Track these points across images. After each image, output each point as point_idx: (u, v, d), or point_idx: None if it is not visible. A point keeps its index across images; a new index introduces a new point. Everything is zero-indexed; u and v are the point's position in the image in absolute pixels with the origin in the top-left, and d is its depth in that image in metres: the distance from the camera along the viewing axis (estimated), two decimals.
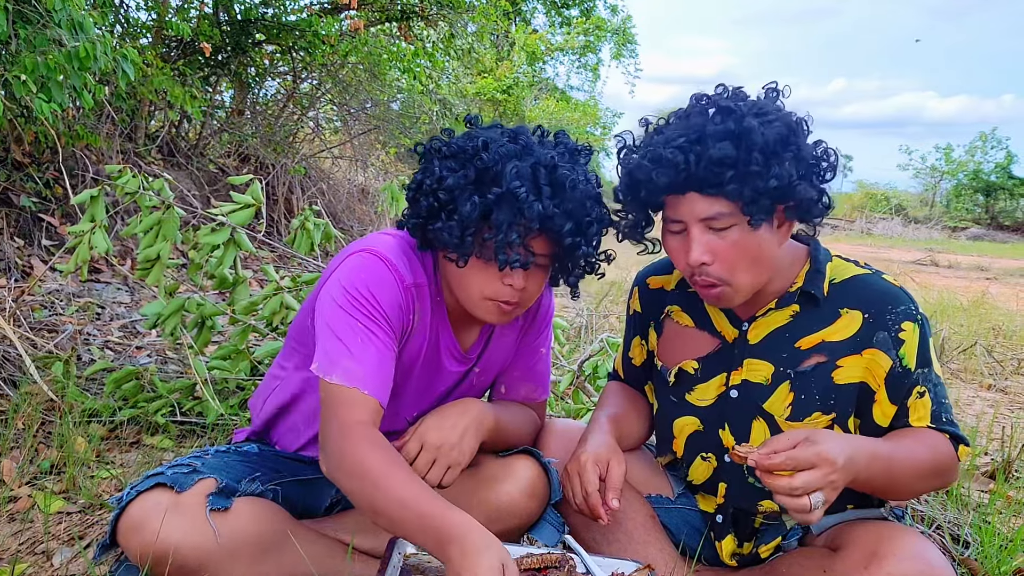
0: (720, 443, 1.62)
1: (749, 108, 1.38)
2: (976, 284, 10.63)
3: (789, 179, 1.36)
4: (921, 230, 32.45)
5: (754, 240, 1.41)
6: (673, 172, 1.37)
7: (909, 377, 1.48)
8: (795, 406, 1.52)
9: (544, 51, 18.70)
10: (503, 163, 1.41)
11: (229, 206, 2.44)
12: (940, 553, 1.37)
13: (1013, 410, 3.91)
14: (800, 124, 1.41)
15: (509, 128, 1.51)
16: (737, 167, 1.34)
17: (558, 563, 1.42)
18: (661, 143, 1.40)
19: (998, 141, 42.61)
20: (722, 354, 1.61)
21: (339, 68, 7.42)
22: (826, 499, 1.25)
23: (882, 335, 1.48)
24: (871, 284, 1.53)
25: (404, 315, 1.53)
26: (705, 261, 1.42)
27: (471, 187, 1.42)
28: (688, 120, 1.42)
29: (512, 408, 1.76)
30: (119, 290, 4.28)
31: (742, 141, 1.35)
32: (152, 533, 1.38)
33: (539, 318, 1.78)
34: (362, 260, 1.49)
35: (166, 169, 5.79)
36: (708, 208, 1.39)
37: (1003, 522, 2.18)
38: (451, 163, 1.45)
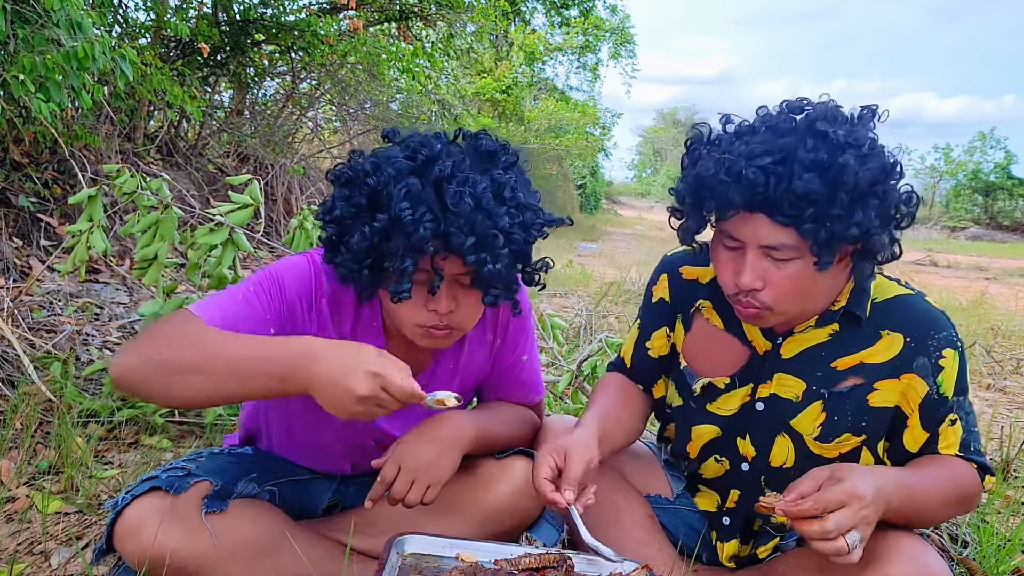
0: (737, 450, 1.60)
1: (846, 138, 1.27)
2: (975, 284, 10.64)
3: (869, 228, 1.27)
4: (920, 230, 32.46)
5: (811, 277, 1.35)
6: (750, 193, 1.27)
7: (944, 405, 1.46)
8: (826, 426, 1.50)
9: (543, 51, 18.69)
10: (392, 184, 1.30)
11: (227, 206, 2.44)
12: (938, 555, 1.36)
13: (1012, 410, 3.92)
14: (895, 167, 1.31)
15: (418, 138, 1.39)
16: (819, 205, 1.25)
17: (556, 563, 1.41)
18: (744, 155, 1.29)
19: (997, 141, 42.65)
20: (751, 365, 1.57)
21: (338, 68, 7.42)
22: (863, 537, 1.22)
23: (922, 360, 1.45)
24: (914, 306, 1.48)
25: (307, 311, 1.50)
26: (756, 288, 1.36)
27: (362, 215, 1.34)
28: (778, 136, 1.30)
29: (501, 411, 1.74)
30: (118, 290, 4.28)
31: (832, 177, 1.24)
32: (148, 537, 1.38)
33: (511, 330, 1.70)
34: (297, 256, 1.53)
35: (165, 169, 5.79)
36: (773, 236, 1.31)
37: (1001, 522, 2.18)
38: (344, 190, 1.37)
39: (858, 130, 1.31)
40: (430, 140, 1.38)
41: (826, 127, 1.28)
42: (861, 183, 1.25)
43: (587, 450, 1.45)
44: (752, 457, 1.58)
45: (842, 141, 1.26)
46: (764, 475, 1.58)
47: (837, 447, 1.51)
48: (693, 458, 1.68)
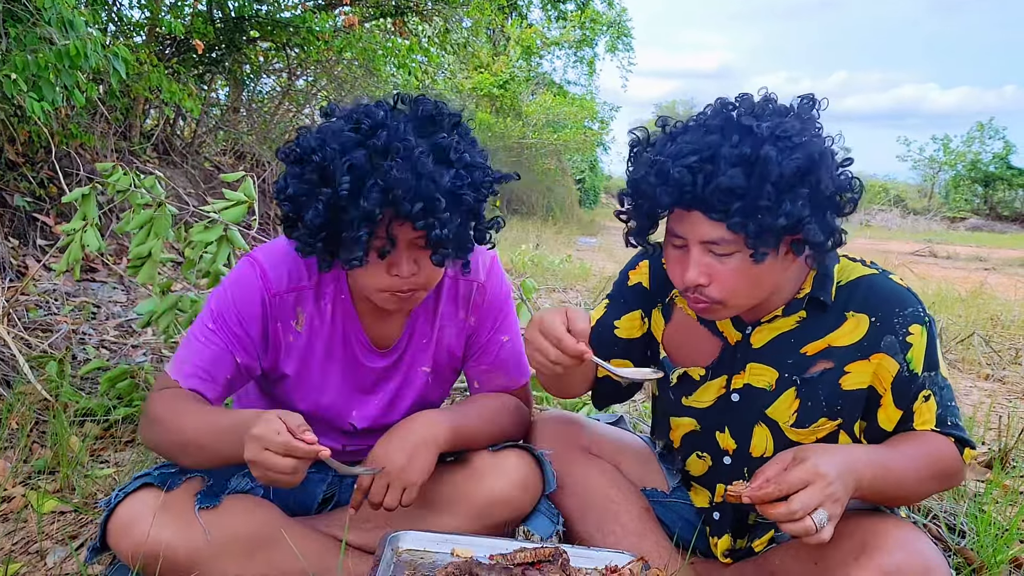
0: (717, 444, 1.60)
1: (770, 131, 1.28)
2: (975, 275, 10.64)
3: (800, 218, 1.28)
4: (920, 221, 32.48)
5: (756, 269, 1.35)
6: (678, 193, 1.30)
7: (915, 381, 1.45)
8: (801, 412, 1.50)
9: (540, 45, 18.66)
10: (338, 157, 1.33)
11: (222, 203, 2.43)
12: (932, 543, 1.36)
13: (1010, 399, 3.92)
14: (825, 155, 1.31)
15: (362, 109, 1.41)
16: (746, 198, 1.27)
17: (551, 557, 1.41)
18: (672, 156, 1.31)
19: (996, 131, 42.56)
20: (724, 357, 1.57)
21: (334, 64, 7.40)
22: (831, 515, 1.21)
23: (889, 339, 1.44)
24: (878, 285, 1.48)
25: (268, 322, 1.57)
26: (701, 283, 1.37)
27: (313, 191, 1.37)
28: (706, 134, 1.32)
29: (483, 403, 1.73)
30: (115, 289, 4.28)
31: (755, 170, 1.26)
32: (142, 533, 1.38)
33: (485, 309, 1.72)
34: (238, 266, 1.60)
35: (161, 167, 5.78)
36: (711, 232, 1.33)
37: (999, 511, 2.18)
38: (296, 168, 1.40)
39: (787, 122, 1.31)
40: (372, 109, 1.41)
41: (751, 121, 1.30)
42: (786, 174, 1.26)
43: (583, 311, 1.47)
44: (733, 450, 1.58)
45: (765, 134, 1.27)
46: (747, 466, 1.57)
47: (814, 432, 1.51)
48: (677, 448, 1.69)
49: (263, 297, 1.55)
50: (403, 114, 1.43)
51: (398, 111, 1.44)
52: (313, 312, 1.60)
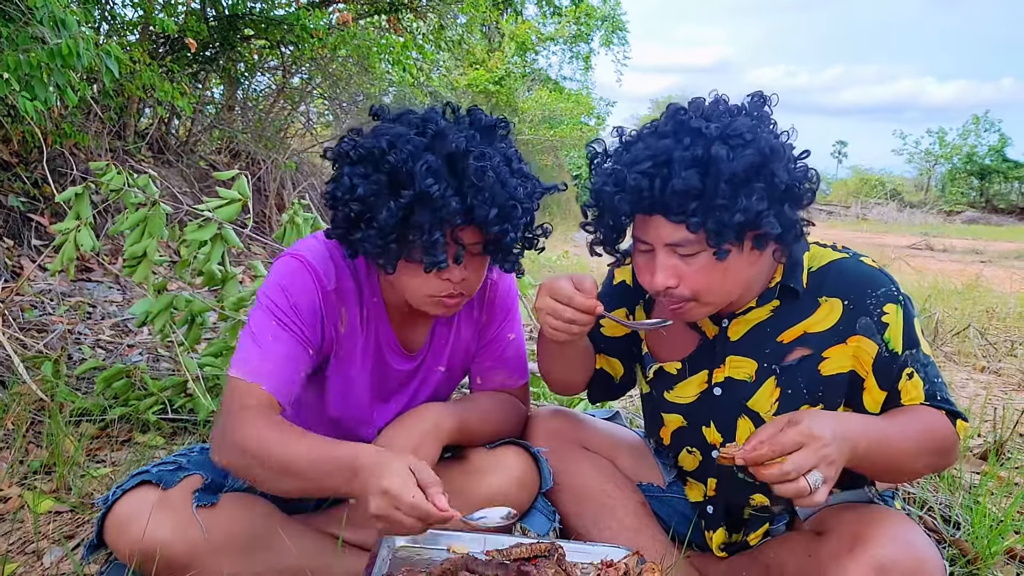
0: (704, 439, 1.61)
1: (720, 131, 1.30)
2: (971, 267, 10.65)
3: (757, 213, 1.30)
4: (916, 215, 32.52)
5: (721, 266, 1.37)
6: (636, 199, 1.33)
7: (897, 360, 1.45)
8: (782, 401, 1.51)
9: (535, 41, 18.64)
10: (413, 161, 1.34)
11: (215, 201, 2.43)
12: (925, 536, 1.37)
13: (1006, 391, 3.92)
14: (776, 150, 1.32)
15: (418, 115, 1.44)
16: (702, 198, 1.29)
17: (547, 552, 1.42)
18: (628, 164, 1.34)
19: (991, 124, 42.64)
20: (703, 351, 1.59)
21: (329, 62, 7.39)
22: (825, 477, 1.20)
23: (864, 320, 1.45)
24: (848, 268, 1.49)
25: (324, 319, 1.55)
26: (670, 285, 1.39)
27: (385, 192, 1.37)
28: (658, 139, 1.35)
29: (483, 401, 1.75)
30: (111, 288, 4.27)
31: (708, 170, 1.29)
32: (139, 531, 1.38)
33: (497, 306, 1.75)
34: (285, 264, 1.54)
35: (156, 166, 5.76)
36: (673, 234, 1.35)
37: (994, 503, 2.19)
38: (361, 168, 1.39)
39: (737, 121, 1.32)
40: (432, 115, 1.43)
41: (700, 123, 1.32)
42: (738, 171, 1.28)
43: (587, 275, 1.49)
44: (720, 444, 1.59)
45: (715, 134, 1.30)
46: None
47: None
48: (668, 445, 1.69)
49: (316, 293, 1.53)
50: (459, 121, 1.46)
51: (456, 118, 1.48)
52: (354, 313, 1.59)
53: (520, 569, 1.34)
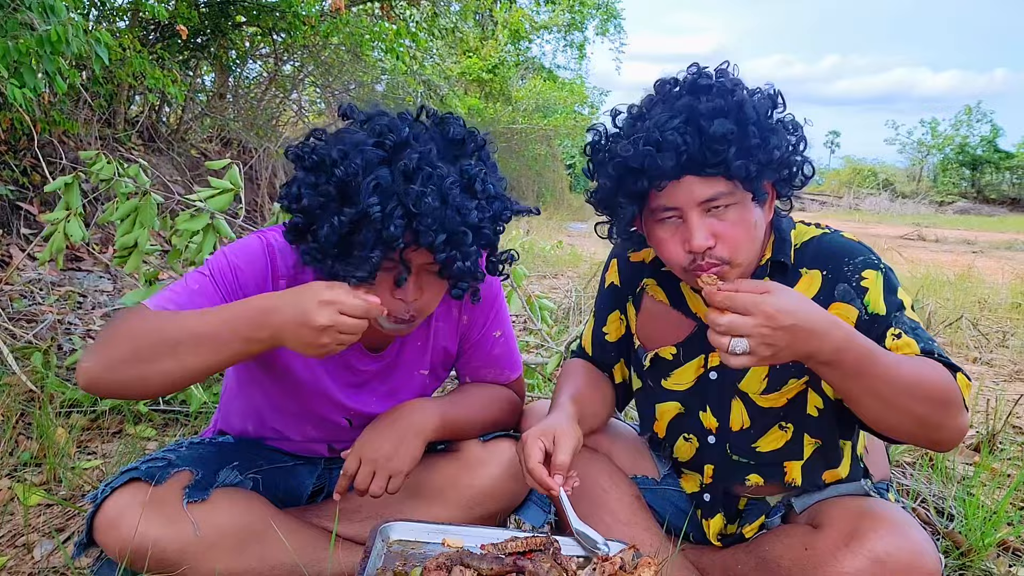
0: (701, 424, 1.61)
1: (731, 83, 1.36)
2: (963, 258, 10.70)
3: (787, 148, 1.36)
4: (908, 205, 32.60)
5: (750, 217, 1.38)
6: (675, 155, 1.31)
7: (879, 321, 1.41)
8: (771, 378, 1.52)
9: (529, 29, 18.53)
10: (362, 175, 1.27)
11: (207, 191, 2.40)
12: (921, 529, 1.37)
13: (998, 383, 3.94)
14: (778, 94, 1.40)
15: (383, 122, 1.35)
16: (737, 142, 1.31)
17: (543, 546, 1.41)
18: (654, 128, 1.33)
19: (983, 114, 42.74)
20: (698, 336, 1.59)
21: (321, 49, 7.34)
22: (753, 350, 1.18)
23: (842, 287, 1.45)
24: (828, 242, 1.51)
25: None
26: (710, 245, 1.37)
27: (331, 206, 1.30)
28: (673, 102, 1.36)
29: (474, 393, 1.73)
30: (101, 278, 4.24)
31: (737, 116, 1.32)
32: (129, 529, 1.36)
33: (478, 310, 1.70)
34: (250, 238, 1.51)
35: (146, 155, 5.72)
36: (708, 190, 1.35)
37: (987, 494, 2.20)
38: (311, 177, 1.33)
39: (727, 77, 1.39)
40: (396, 124, 1.35)
41: (707, 81, 1.38)
42: (761, 112, 1.35)
43: (573, 433, 1.45)
44: (716, 428, 1.60)
45: (729, 85, 1.36)
46: (728, 442, 1.59)
47: (784, 394, 1.52)
48: (663, 438, 1.69)
49: (265, 274, 1.48)
50: (427, 131, 1.38)
51: (420, 126, 1.39)
52: None
53: (515, 563, 1.33)
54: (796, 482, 1.58)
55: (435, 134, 1.38)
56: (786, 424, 1.55)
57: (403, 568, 1.34)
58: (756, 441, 1.57)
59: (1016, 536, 1.98)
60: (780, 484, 1.60)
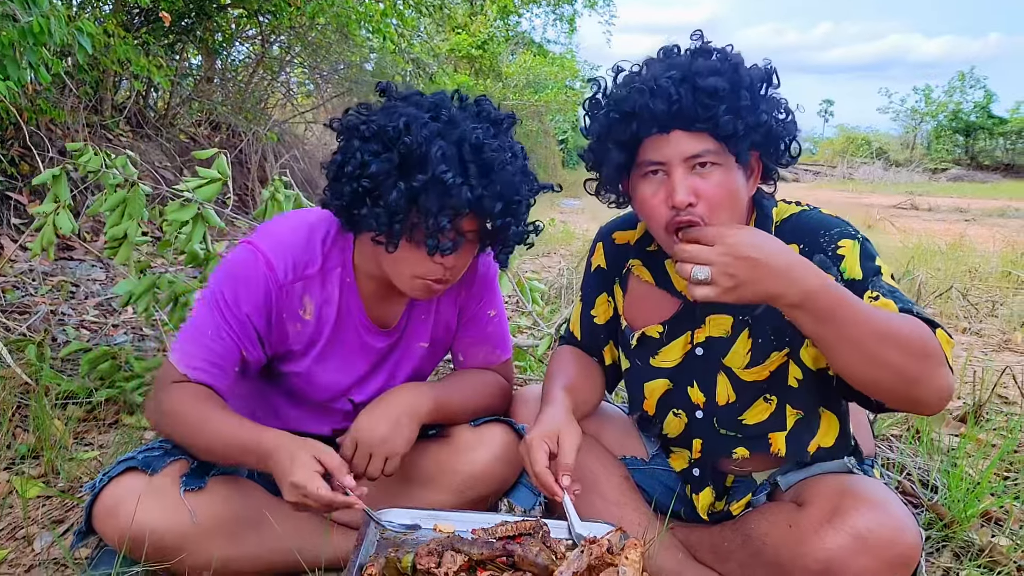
0: (689, 399, 1.64)
1: (730, 53, 1.44)
2: (955, 227, 10.71)
3: (773, 115, 1.41)
4: (902, 173, 32.55)
5: (733, 182, 1.42)
6: (667, 102, 1.36)
7: (855, 285, 1.40)
8: (753, 351, 1.55)
9: (518, 4, 18.35)
10: (427, 145, 1.35)
11: (195, 181, 2.41)
12: (902, 504, 1.40)
13: (986, 352, 3.98)
14: (774, 71, 1.45)
15: (429, 99, 1.45)
16: (728, 100, 1.36)
17: (532, 530, 1.44)
18: (649, 77, 1.40)
19: (976, 80, 42.57)
20: (684, 314, 1.62)
21: (308, 30, 7.27)
22: (714, 280, 1.22)
23: (819, 257, 1.47)
24: (805, 218, 1.55)
25: (273, 314, 1.55)
26: (691, 202, 1.39)
27: (396, 172, 1.38)
28: (669, 60, 1.44)
29: (466, 378, 1.77)
30: (93, 267, 4.24)
31: (731, 78, 1.38)
32: (127, 517, 1.39)
33: (477, 284, 1.76)
34: (238, 254, 1.54)
35: (135, 141, 5.69)
36: (694, 146, 1.39)
37: (972, 465, 2.23)
38: (373, 146, 1.39)
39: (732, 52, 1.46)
40: (444, 99, 1.45)
41: (707, 46, 1.45)
42: (755, 80, 1.40)
43: (575, 431, 1.51)
44: (703, 403, 1.63)
45: (728, 53, 1.44)
46: (715, 416, 1.62)
47: (766, 367, 1.55)
48: (652, 416, 1.72)
49: (268, 289, 1.52)
50: (467, 109, 1.47)
51: (462, 104, 1.49)
52: (320, 298, 1.59)
53: (505, 547, 1.36)
54: (781, 452, 1.60)
55: (475, 111, 1.47)
56: (770, 396, 1.59)
57: (396, 555, 1.37)
58: (742, 414, 1.60)
59: (999, 507, 2.01)
60: (766, 455, 1.62)
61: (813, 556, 1.37)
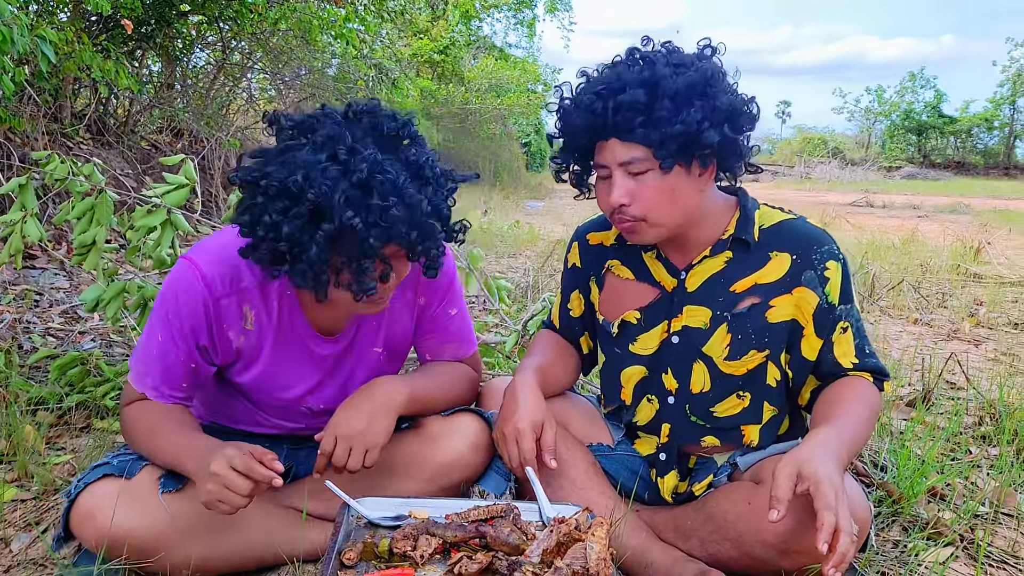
0: (663, 385, 1.73)
1: (666, 58, 1.50)
2: (908, 222, 11.01)
3: (697, 125, 1.46)
4: (858, 172, 33.18)
5: (668, 184, 1.53)
6: (590, 116, 1.50)
7: (834, 312, 1.62)
8: (732, 346, 1.65)
9: (479, 9, 18.43)
10: (331, 194, 1.30)
11: (163, 187, 2.43)
12: (853, 480, 1.49)
13: (936, 342, 4.13)
14: (716, 74, 1.51)
15: (321, 134, 1.37)
16: (647, 113, 1.46)
17: (503, 513, 1.50)
18: (586, 89, 1.53)
19: (927, 80, 43.58)
20: (662, 303, 1.72)
21: (270, 36, 7.26)
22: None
23: (809, 274, 1.61)
24: (797, 228, 1.66)
25: (214, 327, 1.57)
26: (623, 203, 1.54)
27: (308, 226, 1.33)
28: (614, 68, 1.54)
29: (437, 370, 1.82)
30: (56, 275, 4.21)
31: (654, 88, 1.46)
32: (105, 521, 1.43)
33: (434, 286, 1.77)
34: (176, 270, 1.56)
35: (96, 149, 5.64)
36: (625, 153, 1.51)
37: (919, 446, 2.35)
38: (279, 204, 1.33)
39: (683, 54, 1.54)
40: (337, 131, 1.37)
41: (651, 54, 1.53)
42: (680, 87, 1.46)
43: (553, 422, 1.67)
44: (676, 389, 1.72)
45: (660, 60, 1.50)
46: (687, 403, 1.72)
47: (745, 363, 1.66)
48: (628, 405, 1.80)
49: (206, 302, 1.53)
50: (362, 129, 1.41)
51: (356, 126, 1.41)
52: (260, 309, 1.59)
53: (478, 530, 1.42)
54: (754, 443, 1.72)
55: (369, 130, 1.41)
56: (743, 393, 1.69)
57: (372, 540, 1.42)
58: (714, 406, 1.70)
59: (944, 483, 2.13)
60: (738, 446, 1.73)
61: (771, 531, 1.46)
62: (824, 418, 1.53)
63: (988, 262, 6.75)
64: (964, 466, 2.28)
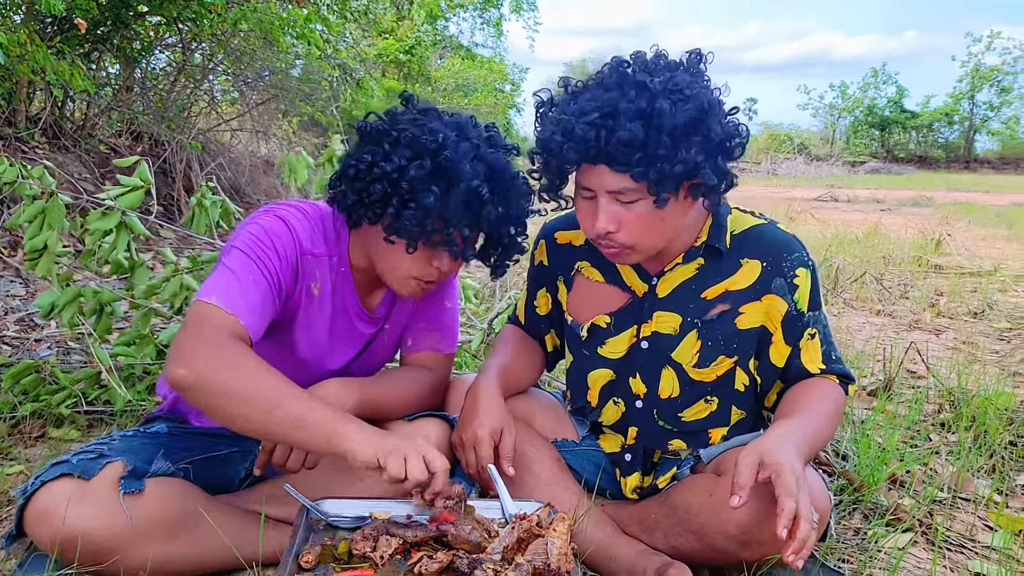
0: (630, 389, 1.72)
1: (663, 86, 1.39)
2: (871, 216, 11.16)
3: (695, 164, 1.40)
4: (823, 167, 33.59)
5: (659, 214, 1.47)
6: (583, 148, 1.41)
7: (802, 319, 1.62)
8: (702, 353, 1.64)
9: (445, 8, 18.39)
10: (462, 161, 1.47)
11: (117, 190, 2.38)
12: (813, 470, 1.50)
13: (898, 332, 4.20)
14: (713, 105, 1.43)
15: (450, 118, 1.55)
16: (645, 149, 1.38)
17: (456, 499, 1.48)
18: (575, 114, 1.42)
19: (889, 76, 44.33)
20: (632, 308, 1.70)
21: (231, 37, 7.16)
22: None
23: (779, 281, 1.60)
24: (767, 234, 1.64)
25: (298, 277, 1.61)
26: (611, 230, 1.49)
27: (431, 180, 1.46)
28: (604, 91, 1.43)
29: (393, 375, 1.82)
30: (12, 282, 4.11)
31: (652, 123, 1.37)
32: (60, 520, 1.39)
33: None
34: (266, 217, 1.60)
35: (52, 153, 5.52)
36: (616, 182, 1.44)
37: (880, 435, 2.38)
38: (407, 152, 1.48)
39: (677, 76, 1.42)
40: (466, 122, 1.57)
41: (644, 77, 1.41)
42: (679, 124, 1.38)
43: (513, 428, 1.66)
44: (644, 394, 1.71)
45: (658, 89, 1.39)
46: (655, 408, 1.71)
47: (714, 370, 1.66)
48: (595, 407, 1.79)
49: (297, 251, 1.59)
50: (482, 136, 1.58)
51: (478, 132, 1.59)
52: (326, 279, 1.67)
53: (438, 527, 1.41)
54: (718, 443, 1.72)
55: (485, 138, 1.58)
56: (711, 398, 1.69)
57: (331, 542, 1.40)
58: (682, 411, 1.70)
59: (903, 470, 2.15)
60: (704, 447, 1.73)
61: (732, 521, 1.46)
62: (788, 414, 1.54)
63: (948, 253, 6.88)
64: (924, 453, 2.31)
